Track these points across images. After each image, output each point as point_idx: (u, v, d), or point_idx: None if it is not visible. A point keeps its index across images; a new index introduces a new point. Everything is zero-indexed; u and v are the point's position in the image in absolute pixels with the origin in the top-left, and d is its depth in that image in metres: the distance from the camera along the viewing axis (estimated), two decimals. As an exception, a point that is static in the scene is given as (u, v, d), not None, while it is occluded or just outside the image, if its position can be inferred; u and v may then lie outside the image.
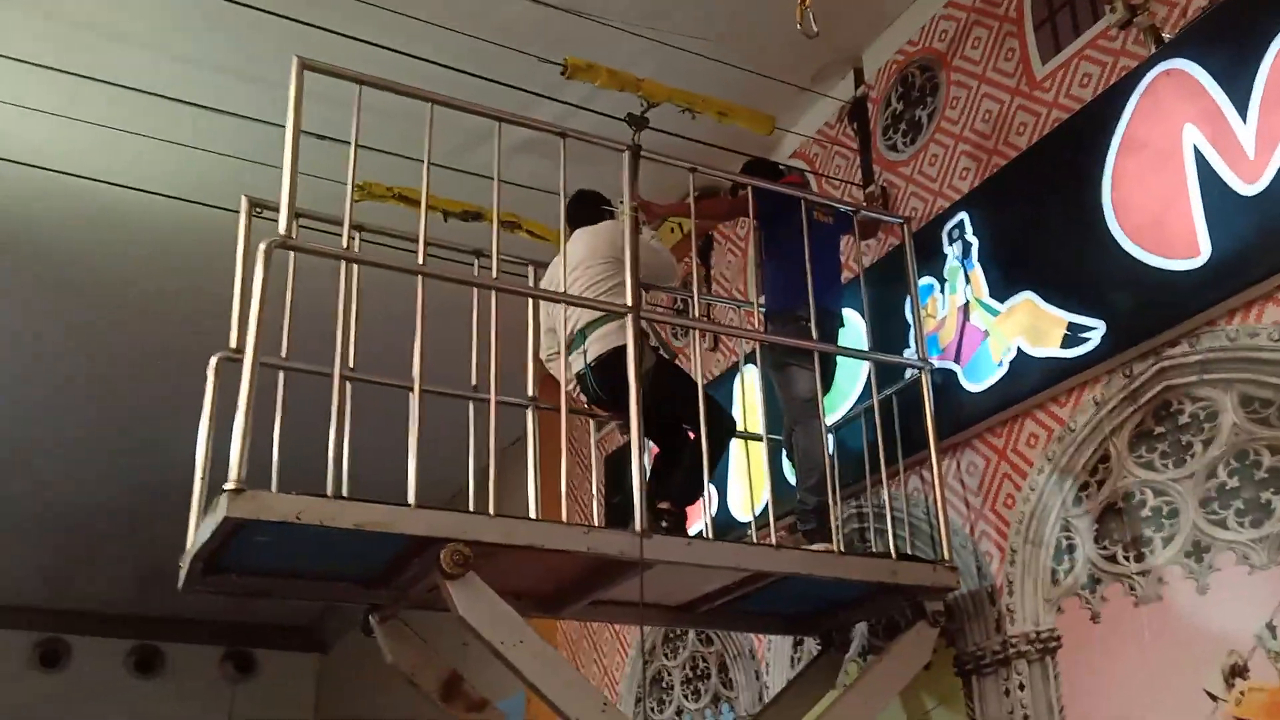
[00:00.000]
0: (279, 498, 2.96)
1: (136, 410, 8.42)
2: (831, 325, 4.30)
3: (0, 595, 12.02)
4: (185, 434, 3.71)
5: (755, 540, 4.31)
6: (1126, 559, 3.67)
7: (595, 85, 4.50)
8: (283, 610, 13.05)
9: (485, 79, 4.55)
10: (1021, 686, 3.92)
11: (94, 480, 9.56)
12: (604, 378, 4.00)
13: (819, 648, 4.59)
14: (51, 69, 4.86)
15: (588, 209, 4.36)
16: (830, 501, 3.99)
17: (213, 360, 3.55)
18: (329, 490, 3.20)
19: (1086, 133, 4.04)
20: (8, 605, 12.20)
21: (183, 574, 3.34)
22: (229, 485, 2.86)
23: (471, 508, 3.87)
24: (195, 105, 4.99)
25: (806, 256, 4.05)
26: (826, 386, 4.39)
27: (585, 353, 4.04)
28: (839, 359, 4.47)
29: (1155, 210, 3.73)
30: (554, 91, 4.81)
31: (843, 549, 4.08)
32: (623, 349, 3.75)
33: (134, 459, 9.06)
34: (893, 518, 4.16)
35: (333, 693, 13.40)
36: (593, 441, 4.67)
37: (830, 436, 4.30)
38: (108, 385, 8.14)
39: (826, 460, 3.93)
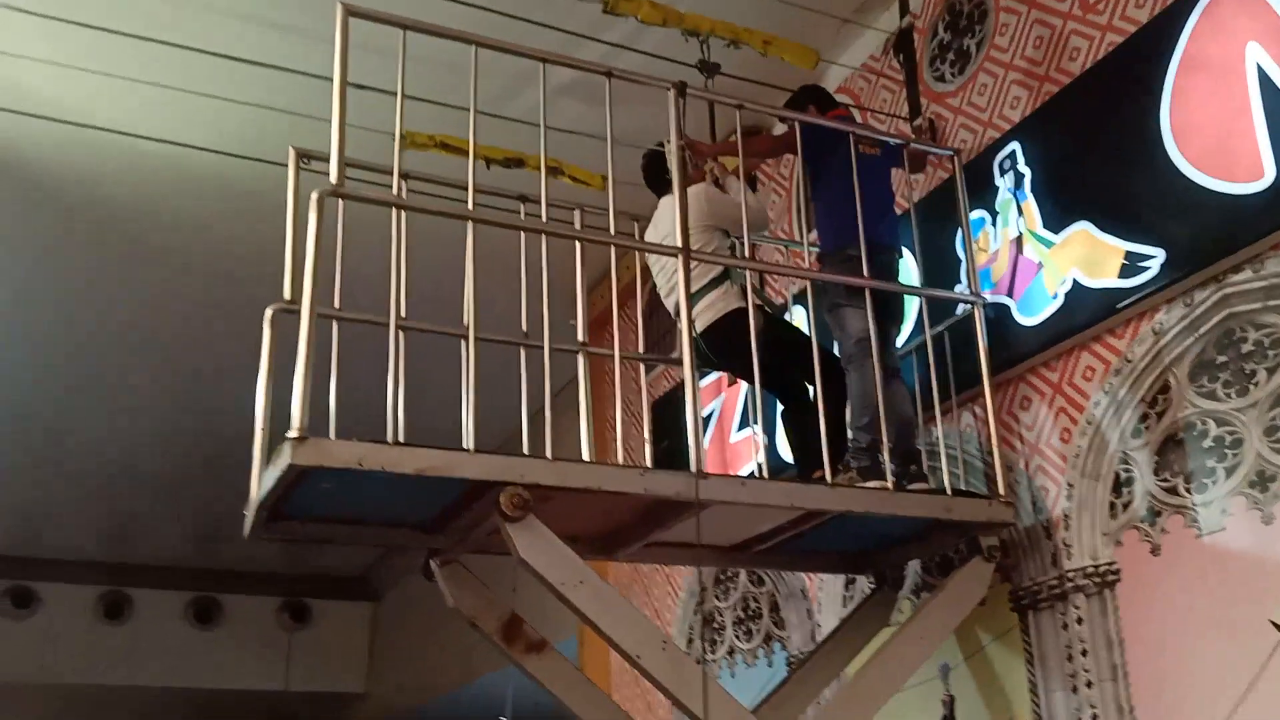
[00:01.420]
0: (341, 445, 2.99)
1: (192, 366, 8.55)
2: (887, 260, 4.24)
3: (65, 551, 12.34)
4: (239, 388, 3.76)
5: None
6: (1187, 490, 3.63)
7: (638, 19, 4.44)
8: (336, 560, 13.28)
9: (525, 20, 4.50)
10: (1079, 620, 3.90)
11: (152, 437, 9.74)
12: (717, 343, 4.06)
13: (872, 586, 4.59)
14: (99, 29, 4.87)
15: (653, 173, 4.35)
16: (883, 439, 3.96)
17: (268, 312, 3.57)
18: (389, 437, 3.22)
19: (1143, 55, 3.94)
20: (73, 560, 12.52)
21: (248, 522, 3.39)
22: (292, 433, 2.89)
23: (526, 452, 3.89)
24: (240, 60, 4.98)
25: (856, 192, 3.99)
26: (899, 318, 4.35)
27: (694, 323, 4.06)
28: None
29: (1217, 133, 3.63)
30: (595, 31, 4.75)
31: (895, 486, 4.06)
32: (731, 314, 3.91)
33: (190, 415, 9.22)
34: (946, 454, 4.13)
35: (385, 640, 13.65)
36: (643, 386, 4.66)
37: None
38: (165, 343, 8.26)
39: (879, 398, 3.90)
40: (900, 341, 4.51)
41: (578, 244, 4.23)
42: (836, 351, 4.22)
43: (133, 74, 5.27)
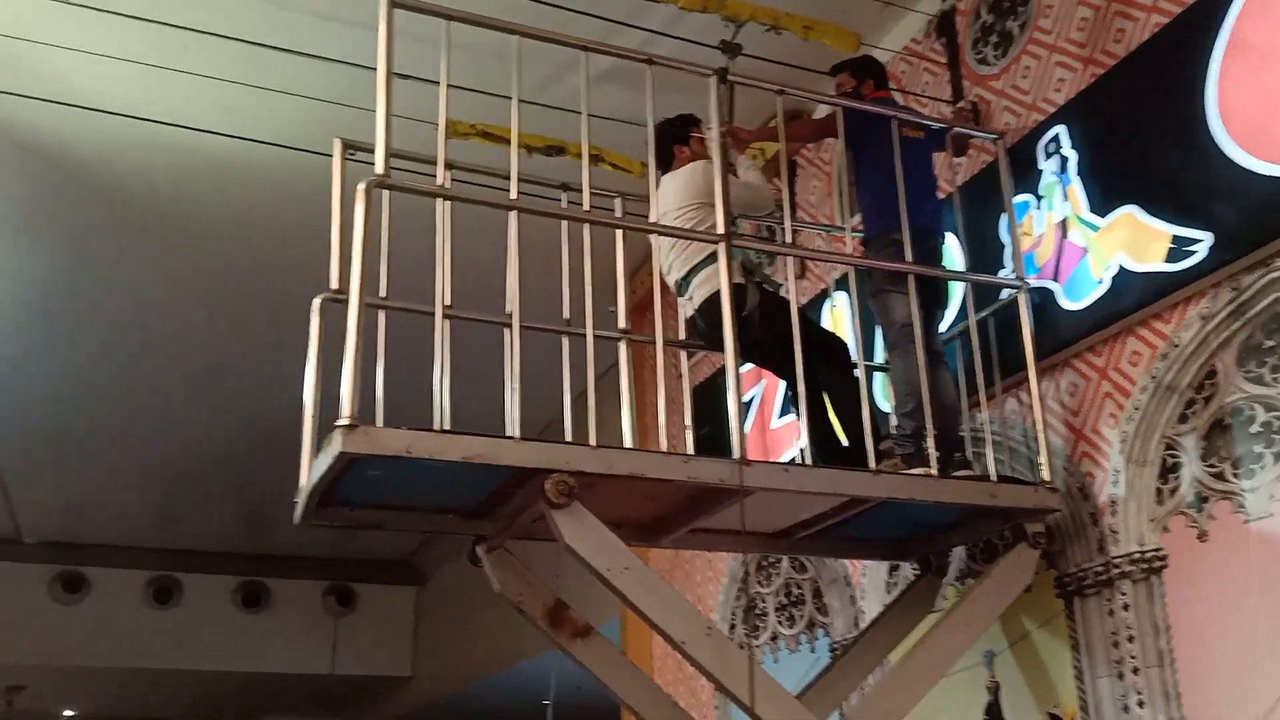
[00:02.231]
0: (389, 432, 3.03)
1: (238, 356, 8.67)
2: (931, 244, 4.22)
3: (117, 536, 12.58)
4: (285, 375, 3.80)
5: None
6: (1235, 476, 3.59)
7: (678, 6, 4.43)
8: (381, 545, 13.42)
9: (560, 6, 4.50)
10: (1126, 607, 3.88)
11: (200, 425, 9.88)
12: (711, 320, 4.00)
13: (916, 572, 4.58)
14: (143, 19, 4.94)
15: (663, 149, 4.32)
16: (927, 425, 3.95)
17: (316, 302, 3.61)
18: (435, 424, 3.26)
19: (1190, 36, 3.88)
20: (124, 545, 12.75)
21: (299, 509, 3.45)
22: (342, 421, 2.93)
23: (568, 439, 3.92)
24: (285, 50, 5.03)
25: (899, 176, 3.97)
26: (943, 303, 4.32)
27: (691, 299, 4.05)
28: (944, 275, 4.39)
29: (1265, 114, 3.58)
30: (633, 18, 4.75)
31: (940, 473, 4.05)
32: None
33: (237, 401, 9.35)
34: (991, 440, 4.11)
35: (430, 624, 13.79)
36: (685, 372, 4.67)
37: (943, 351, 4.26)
38: (212, 330, 8.38)
39: (923, 384, 3.89)
40: (944, 327, 4.50)
41: (619, 231, 4.24)
42: (880, 337, 4.21)
43: (176, 65, 5.33)
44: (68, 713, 15.67)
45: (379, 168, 3.13)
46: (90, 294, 7.86)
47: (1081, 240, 4.23)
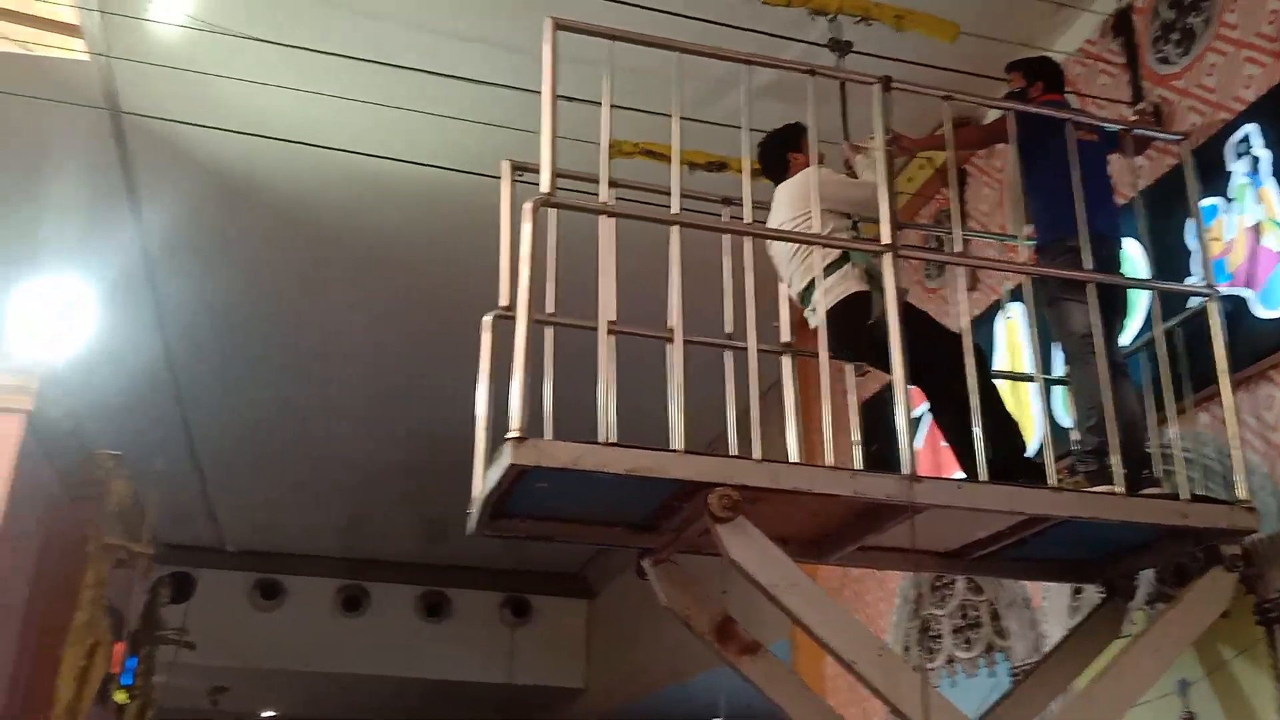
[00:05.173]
0: (557, 445, 3.10)
1: (419, 373, 9.01)
2: (1110, 251, 4.03)
3: (310, 547, 13.24)
4: (461, 394, 3.92)
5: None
6: None
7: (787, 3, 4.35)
8: (554, 558, 13.68)
9: (710, 21, 4.49)
10: (1335, 636, 3.61)
11: (385, 441, 10.33)
12: (836, 331, 3.91)
13: (1101, 596, 4.37)
14: (324, 53, 5.23)
15: (777, 159, 4.26)
16: (1112, 441, 3.76)
17: (486, 319, 3.73)
18: (600, 437, 3.31)
19: (1400, 22, 3.61)
20: (317, 555, 13.42)
21: (473, 519, 3.55)
22: (512, 434, 3.01)
23: (733, 453, 3.91)
24: (450, 76, 5.22)
25: (1075, 180, 3.81)
26: (1123, 312, 4.13)
27: (815, 310, 3.98)
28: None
29: None
30: (754, 25, 4.71)
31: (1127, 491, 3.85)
32: (848, 299, 3.76)
33: (418, 420, 9.72)
34: (1182, 457, 3.89)
35: (601, 637, 13.96)
36: (851, 386, 4.59)
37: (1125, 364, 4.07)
38: (393, 350, 8.76)
39: (1106, 398, 3.70)
40: (1127, 339, 4.29)
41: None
42: (1058, 347, 4.04)
43: (355, 94, 5.61)
44: (266, 714, 16.51)
45: (544, 186, 3.22)
46: (280, 319, 8.33)
47: (1277, 244, 3.97)
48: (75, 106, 5.79)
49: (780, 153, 4.23)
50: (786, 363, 4.30)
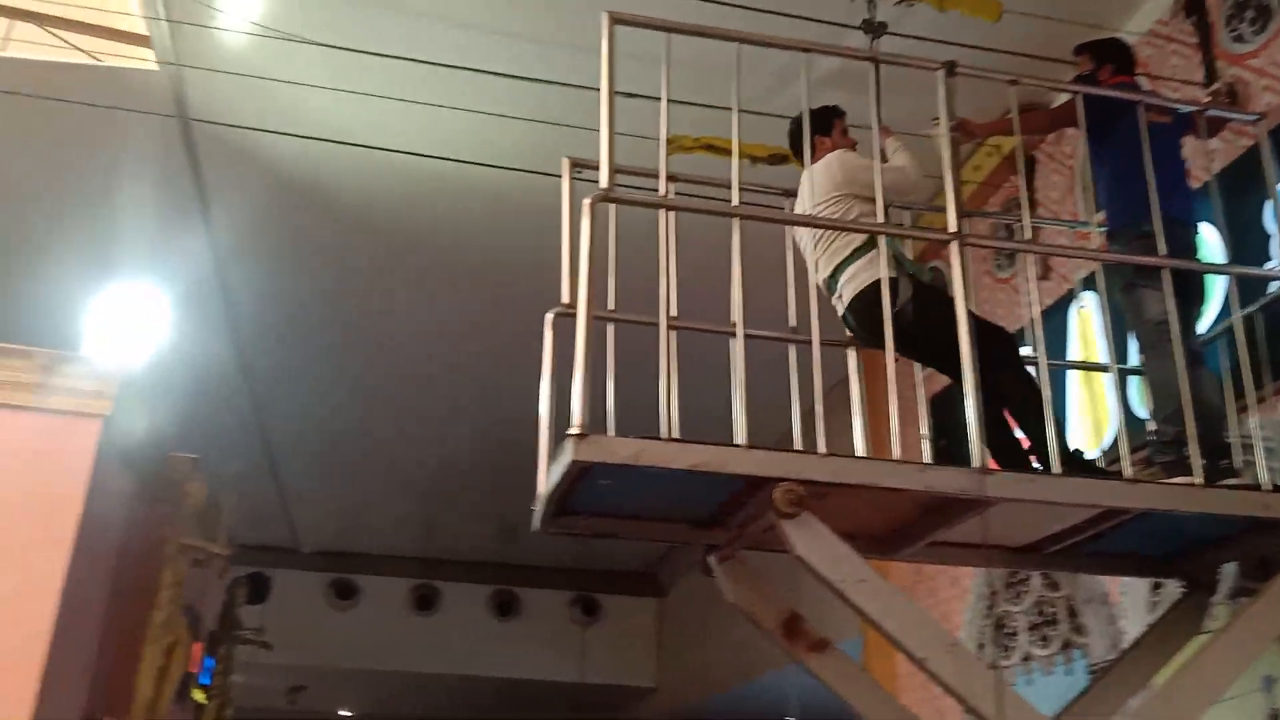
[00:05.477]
0: (619, 441, 3.08)
1: (486, 370, 9.09)
2: (1185, 236, 3.90)
3: (383, 546, 13.44)
4: (527, 393, 3.93)
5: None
6: None
7: None
8: (623, 557, 13.72)
9: (770, 11, 4.44)
10: None
11: (456, 441, 10.46)
12: (862, 318, 3.83)
13: (1182, 590, 4.25)
14: (380, 55, 5.28)
15: (797, 144, 4.18)
16: (1190, 431, 3.65)
17: (548, 316, 3.72)
18: (662, 433, 3.29)
19: None
20: (391, 554, 13.61)
21: (537, 516, 3.55)
22: (573, 430, 3.00)
23: (799, 449, 3.86)
24: (510, 76, 5.25)
25: (1147, 163, 3.70)
26: (1200, 299, 4.00)
27: (840, 298, 3.91)
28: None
29: None
30: (784, 9, 4.65)
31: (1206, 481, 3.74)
32: (875, 284, 3.65)
33: (489, 418, 9.81)
34: (1263, 446, 3.76)
35: (672, 636, 13.95)
36: (919, 381, 4.51)
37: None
38: (460, 351, 8.85)
39: (1183, 386, 3.59)
40: (1203, 326, 4.16)
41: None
42: (1132, 336, 3.92)
43: (416, 96, 5.66)
44: (343, 713, 16.77)
45: (603, 182, 3.20)
46: (350, 320, 8.45)
47: (1363, 225, 3.83)
48: (146, 115, 5.92)
49: (811, 135, 4.16)
50: (852, 356, 4.24)
